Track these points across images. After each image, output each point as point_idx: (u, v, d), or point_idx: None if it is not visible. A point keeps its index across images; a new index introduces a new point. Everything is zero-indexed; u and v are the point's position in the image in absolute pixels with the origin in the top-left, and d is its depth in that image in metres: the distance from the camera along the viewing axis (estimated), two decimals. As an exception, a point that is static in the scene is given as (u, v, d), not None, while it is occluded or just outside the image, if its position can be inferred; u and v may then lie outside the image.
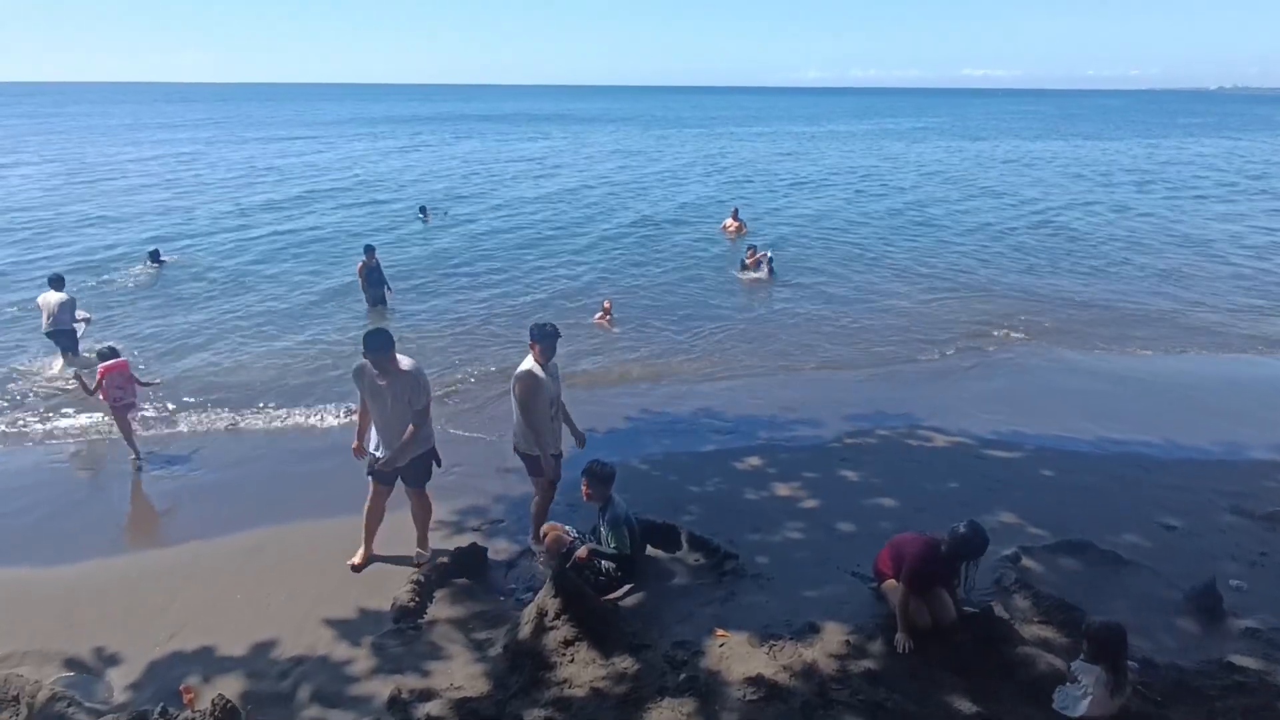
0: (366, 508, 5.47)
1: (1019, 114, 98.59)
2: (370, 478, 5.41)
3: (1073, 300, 13.68)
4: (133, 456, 7.41)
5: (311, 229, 19.72)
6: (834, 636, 4.48)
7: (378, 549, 5.59)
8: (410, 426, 5.08)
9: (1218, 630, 4.75)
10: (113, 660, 4.61)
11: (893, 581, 4.55)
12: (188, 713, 3.91)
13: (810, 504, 6.45)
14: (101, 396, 7.31)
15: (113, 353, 7.46)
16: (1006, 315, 12.61)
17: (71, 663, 4.58)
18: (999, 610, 4.64)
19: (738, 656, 4.35)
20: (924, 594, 4.42)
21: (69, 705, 3.97)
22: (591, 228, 20.40)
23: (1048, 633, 4.59)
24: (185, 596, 5.24)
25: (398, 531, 5.67)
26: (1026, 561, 5.42)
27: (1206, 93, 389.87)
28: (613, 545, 5.21)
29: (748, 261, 15.05)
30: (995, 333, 11.64)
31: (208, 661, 4.58)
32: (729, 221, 19.69)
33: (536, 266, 16.04)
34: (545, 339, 5.28)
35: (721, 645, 4.46)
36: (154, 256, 15.20)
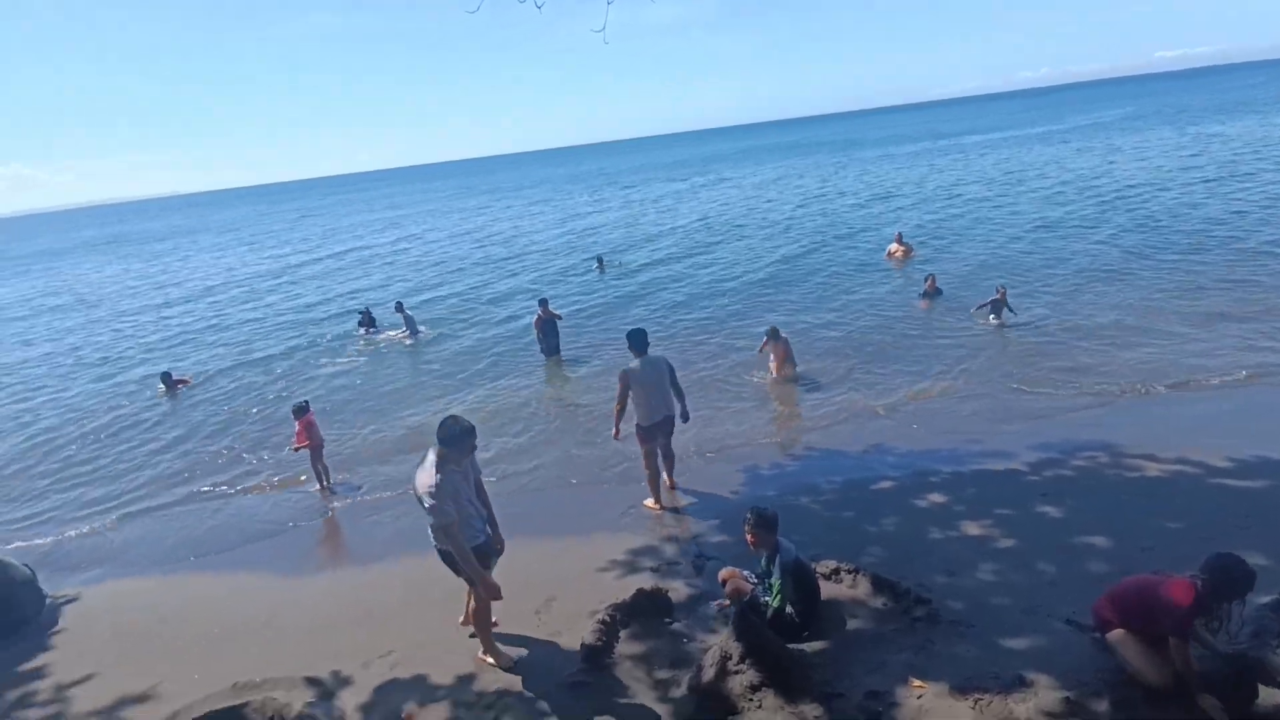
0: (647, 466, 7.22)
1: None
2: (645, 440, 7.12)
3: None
4: (325, 484, 9.00)
5: (470, 288, 21.50)
6: (1049, 693, 4.06)
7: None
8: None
9: None
10: (346, 683, 5.17)
11: (1121, 631, 4.05)
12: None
13: (1006, 543, 5.94)
14: (302, 444, 8.90)
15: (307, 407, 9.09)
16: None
17: (313, 683, 5.19)
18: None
19: (939, 710, 4.07)
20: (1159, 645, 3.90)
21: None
22: (757, 266, 20.16)
23: (1329, 699, 3.87)
24: (400, 629, 5.78)
25: (586, 578, 5.90)
26: (1291, 610, 4.62)
27: None
28: (776, 597, 4.95)
29: (927, 288, 14.40)
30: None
31: (423, 689, 4.99)
32: (894, 246, 18.89)
33: (706, 310, 15.92)
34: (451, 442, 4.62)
35: (919, 697, 4.20)
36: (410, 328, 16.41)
